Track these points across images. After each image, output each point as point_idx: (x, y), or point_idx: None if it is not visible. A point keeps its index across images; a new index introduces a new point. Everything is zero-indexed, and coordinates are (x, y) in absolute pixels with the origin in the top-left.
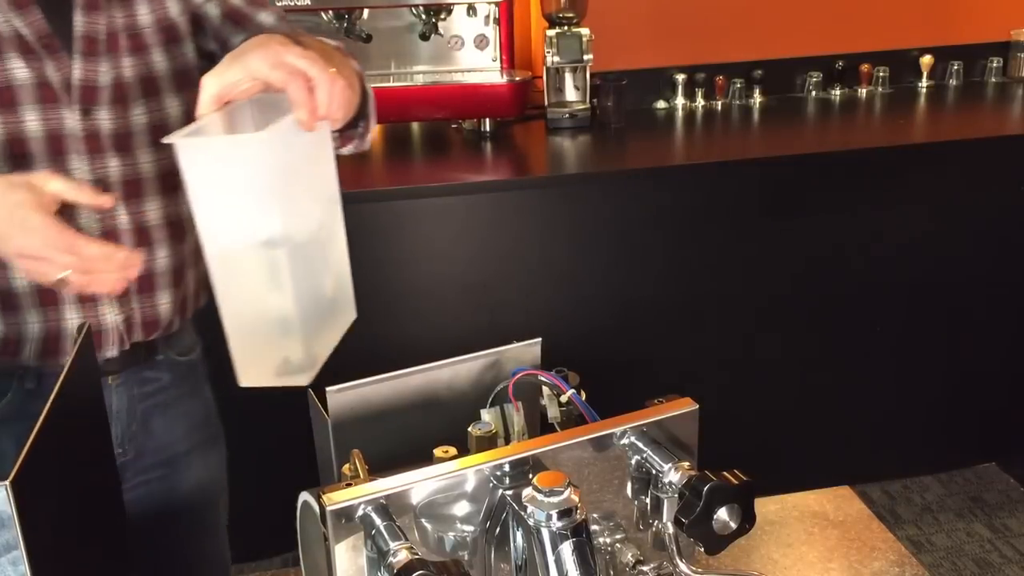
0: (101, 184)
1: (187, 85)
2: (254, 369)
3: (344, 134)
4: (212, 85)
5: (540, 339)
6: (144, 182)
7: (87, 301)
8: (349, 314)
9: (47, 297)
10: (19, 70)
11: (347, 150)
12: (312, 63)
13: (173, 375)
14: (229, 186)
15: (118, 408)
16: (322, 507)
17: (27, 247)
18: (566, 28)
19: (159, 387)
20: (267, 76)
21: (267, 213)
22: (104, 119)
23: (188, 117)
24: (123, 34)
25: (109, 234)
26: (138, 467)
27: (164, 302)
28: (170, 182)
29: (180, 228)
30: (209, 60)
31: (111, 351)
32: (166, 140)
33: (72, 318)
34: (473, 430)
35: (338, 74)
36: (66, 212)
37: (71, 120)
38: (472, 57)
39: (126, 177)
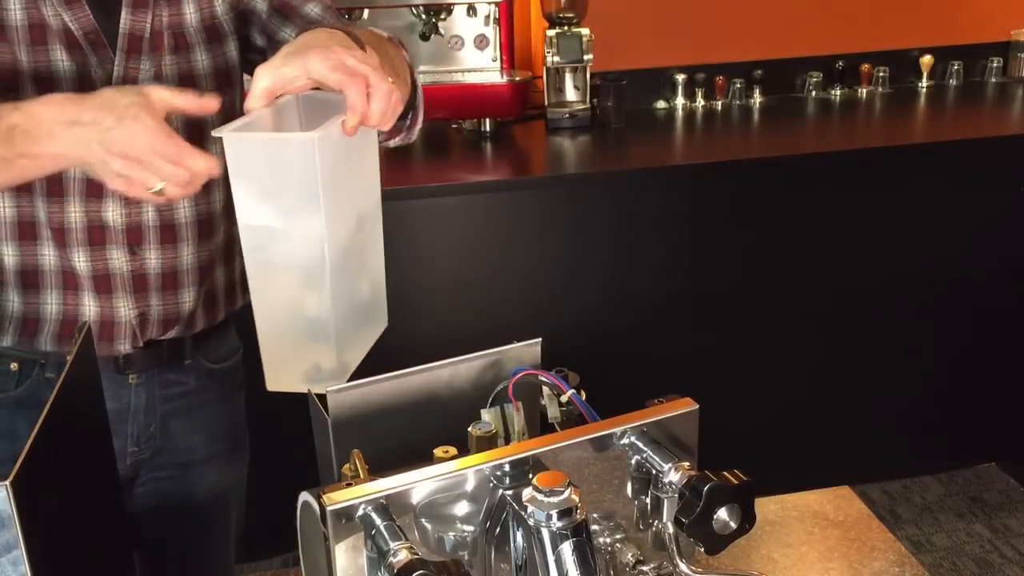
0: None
1: (226, 84)
2: (283, 373)
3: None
4: (266, 79)
5: (540, 339)
6: None
7: (103, 292)
8: (381, 323)
9: (69, 281)
10: (63, 63)
11: (394, 143)
12: (373, 71)
13: (201, 381)
14: (274, 184)
15: (135, 407)
16: (322, 507)
17: (133, 148)
18: (566, 28)
19: (183, 391)
20: (325, 77)
21: (310, 214)
22: None
23: (224, 116)
24: (167, 32)
25: (135, 230)
26: (153, 465)
27: (186, 300)
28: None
29: (208, 226)
30: (260, 55)
31: (123, 346)
32: (215, 133)
33: (89, 305)
34: (473, 430)
35: (395, 84)
36: (94, 204)
37: None
38: (472, 57)
39: None
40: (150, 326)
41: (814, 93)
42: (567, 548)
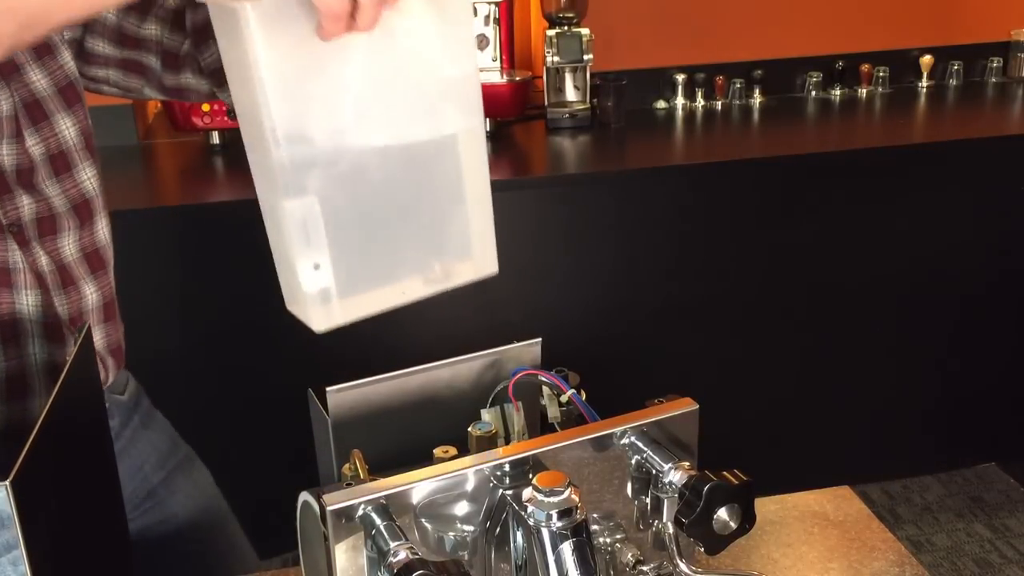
0: (15, 228)
1: (74, 100)
2: (293, 293)
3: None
4: None
5: (540, 339)
6: (57, 217)
7: (55, 340)
8: (480, 268)
9: (7, 332)
10: None
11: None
12: None
13: (120, 417)
14: (230, 56)
15: None
16: (322, 507)
17: None
18: (566, 28)
19: (114, 434)
20: None
21: (261, 104)
22: (2, 154)
23: (83, 136)
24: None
25: (40, 277)
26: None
27: (101, 336)
28: (83, 212)
29: (99, 259)
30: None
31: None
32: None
33: (37, 352)
34: (473, 430)
35: None
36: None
37: None
38: None
39: (39, 215)
40: (108, 361)
41: (814, 93)
42: (567, 548)
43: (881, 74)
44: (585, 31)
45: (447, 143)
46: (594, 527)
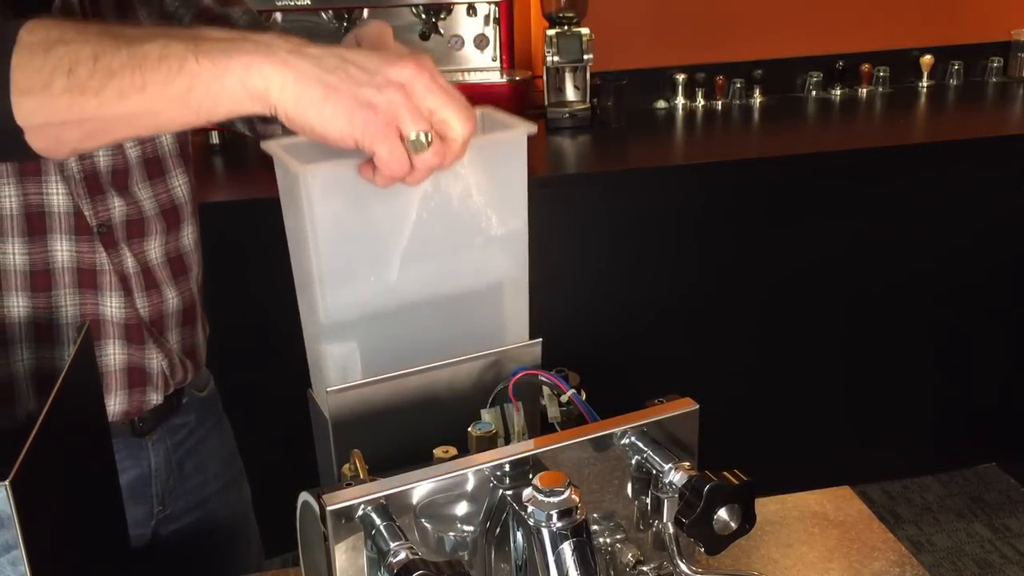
0: (104, 228)
1: None
2: (315, 383)
3: None
4: None
5: (540, 339)
6: (146, 221)
7: (135, 341)
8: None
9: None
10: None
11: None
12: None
13: (198, 413)
14: (288, 205)
15: (156, 466)
16: (322, 507)
17: (408, 77)
18: (566, 28)
19: (188, 431)
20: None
21: (309, 259)
22: (99, 155)
23: (179, 144)
24: None
25: (124, 279)
26: (172, 516)
27: (177, 340)
28: (171, 217)
29: (182, 264)
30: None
31: (156, 397)
32: (264, 146)
33: (116, 353)
34: (473, 430)
35: None
36: (84, 257)
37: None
38: (472, 57)
39: (129, 217)
40: (176, 371)
41: (814, 93)
42: (567, 548)
43: (881, 74)
44: (585, 31)
45: (491, 291)
46: (594, 527)
